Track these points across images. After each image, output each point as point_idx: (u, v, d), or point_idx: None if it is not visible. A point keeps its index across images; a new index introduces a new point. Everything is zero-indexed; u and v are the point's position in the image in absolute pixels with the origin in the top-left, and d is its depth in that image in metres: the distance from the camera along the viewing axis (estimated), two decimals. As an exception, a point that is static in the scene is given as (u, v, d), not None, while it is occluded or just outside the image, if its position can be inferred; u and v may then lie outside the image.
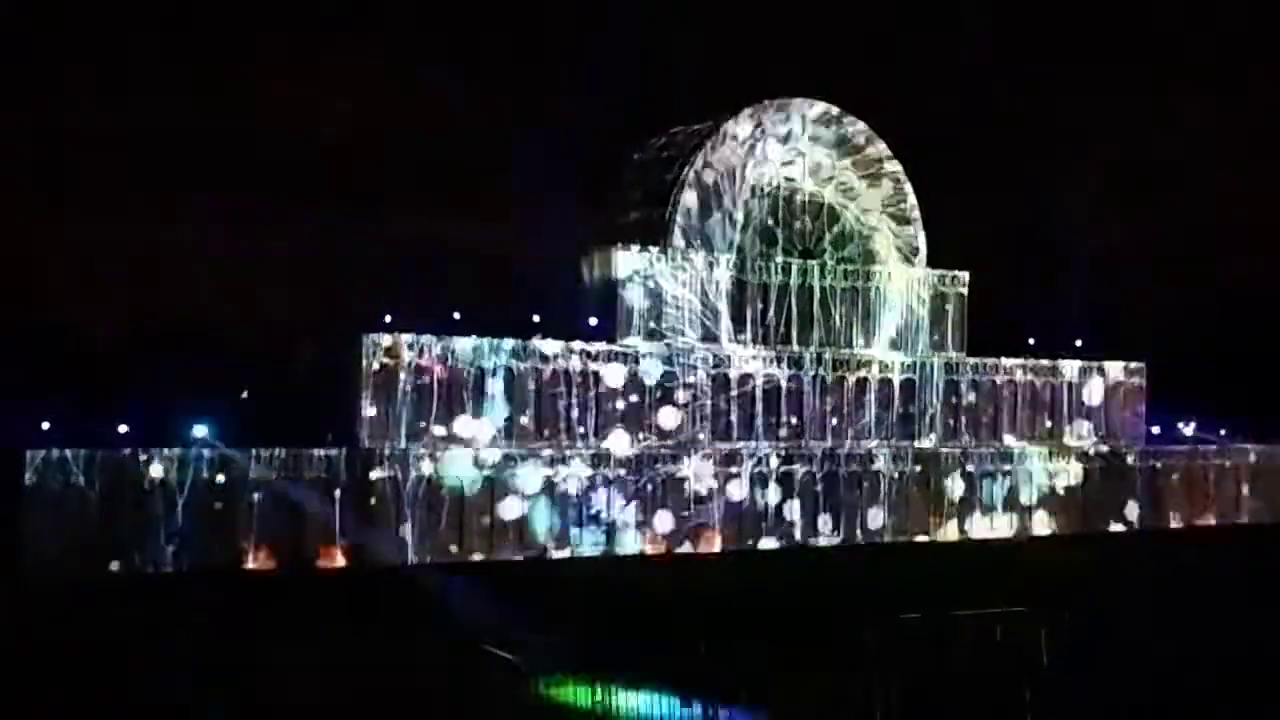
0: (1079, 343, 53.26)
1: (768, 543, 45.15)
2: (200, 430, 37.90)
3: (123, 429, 37.78)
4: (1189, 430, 55.86)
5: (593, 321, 43.88)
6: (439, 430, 40.81)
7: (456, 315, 41.87)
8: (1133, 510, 52.77)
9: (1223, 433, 56.21)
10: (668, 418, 44.08)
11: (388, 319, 40.99)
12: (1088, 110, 66.82)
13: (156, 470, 36.66)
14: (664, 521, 43.36)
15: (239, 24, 53.30)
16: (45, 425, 36.88)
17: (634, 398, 43.85)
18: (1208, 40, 68.36)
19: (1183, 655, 25.05)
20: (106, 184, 48.97)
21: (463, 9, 56.51)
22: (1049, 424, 52.17)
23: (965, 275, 50.88)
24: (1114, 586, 36.22)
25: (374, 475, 39.18)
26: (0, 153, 49.08)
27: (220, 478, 37.41)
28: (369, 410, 39.94)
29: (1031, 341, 52.25)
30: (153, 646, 26.06)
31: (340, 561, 38.64)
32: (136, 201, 49.08)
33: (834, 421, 47.50)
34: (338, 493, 38.72)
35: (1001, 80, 63.24)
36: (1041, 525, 50.90)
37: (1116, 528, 52.29)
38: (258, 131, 50.22)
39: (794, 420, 46.72)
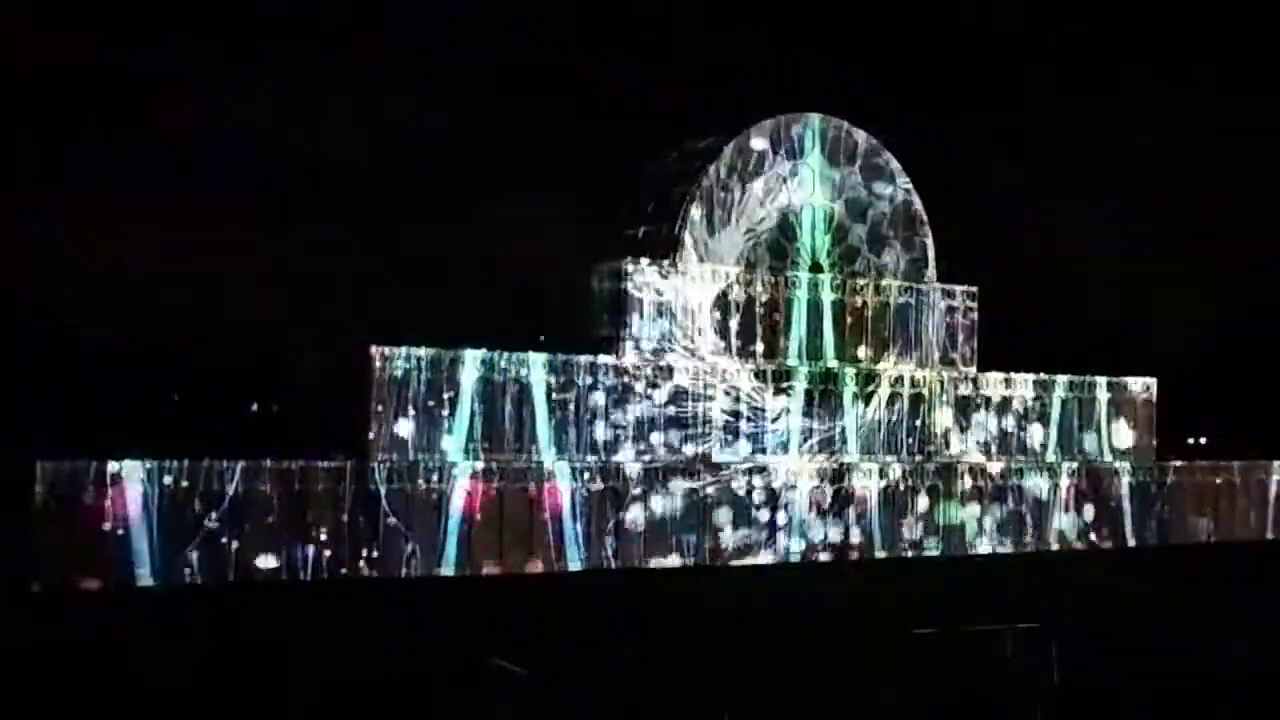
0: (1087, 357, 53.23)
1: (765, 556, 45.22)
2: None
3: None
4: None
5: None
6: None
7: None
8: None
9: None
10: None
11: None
12: (1097, 126, 66.75)
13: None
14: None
15: (244, 26, 53.43)
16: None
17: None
18: (1215, 59, 68.34)
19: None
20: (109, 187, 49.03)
21: (478, 18, 56.60)
22: (1060, 437, 52.10)
23: (975, 290, 50.76)
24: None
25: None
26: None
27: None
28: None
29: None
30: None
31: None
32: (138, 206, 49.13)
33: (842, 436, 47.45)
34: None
35: (1011, 94, 63.22)
36: (1055, 539, 50.92)
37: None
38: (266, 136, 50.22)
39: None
